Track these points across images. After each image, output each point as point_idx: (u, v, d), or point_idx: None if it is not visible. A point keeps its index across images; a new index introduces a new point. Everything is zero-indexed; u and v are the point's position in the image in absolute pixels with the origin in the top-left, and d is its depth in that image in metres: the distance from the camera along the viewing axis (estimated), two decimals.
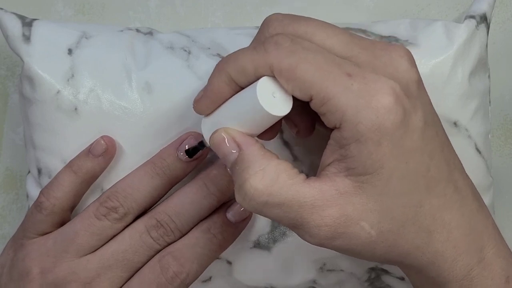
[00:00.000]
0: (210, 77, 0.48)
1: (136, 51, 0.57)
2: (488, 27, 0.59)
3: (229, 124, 0.48)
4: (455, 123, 0.56)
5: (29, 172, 0.60)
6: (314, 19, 0.48)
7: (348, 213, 0.44)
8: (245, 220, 0.57)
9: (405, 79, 0.45)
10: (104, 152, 0.55)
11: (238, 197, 0.46)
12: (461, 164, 0.49)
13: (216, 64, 0.48)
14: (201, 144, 0.53)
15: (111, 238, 0.55)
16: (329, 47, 0.46)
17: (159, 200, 0.56)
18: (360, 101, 0.43)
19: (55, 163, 0.57)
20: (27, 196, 0.61)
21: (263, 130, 0.48)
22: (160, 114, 0.56)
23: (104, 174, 0.56)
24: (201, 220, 0.56)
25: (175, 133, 0.56)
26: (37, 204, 0.56)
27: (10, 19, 0.58)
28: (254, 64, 0.45)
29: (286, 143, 0.56)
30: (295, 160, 0.56)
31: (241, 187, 0.45)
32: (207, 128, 0.49)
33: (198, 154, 0.55)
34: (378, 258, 0.47)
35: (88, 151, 0.55)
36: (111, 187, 0.55)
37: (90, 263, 0.54)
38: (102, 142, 0.55)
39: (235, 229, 0.56)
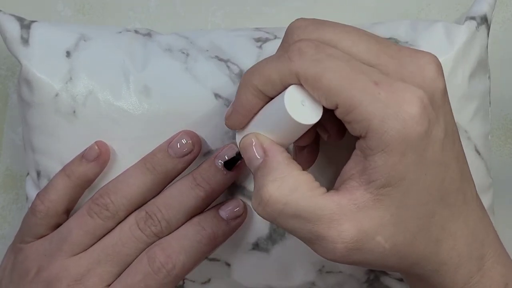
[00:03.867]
0: (238, 91, 0.48)
1: (134, 53, 0.57)
2: (488, 28, 0.59)
3: (261, 133, 0.47)
4: None
5: (28, 174, 0.60)
6: (339, 24, 0.47)
7: (365, 228, 0.44)
8: (238, 218, 0.56)
9: (431, 88, 0.44)
10: (97, 157, 0.55)
11: (254, 202, 0.46)
12: (470, 172, 0.49)
13: (242, 77, 0.47)
14: (239, 155, 0.52)
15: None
16: (355, 54, 0.45)
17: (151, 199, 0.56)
18: (387, 111, 0.42)
19: (53, 166, 0.57)
20: (27, 198, 0.61)
21: (296, 138, 0.47)
22: (158, 117, 0.55)
23: (103, 177, 0.56)
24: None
25: (172, 135, 0.55)
26: (33, 208, 0.56)
27: (8, 21, 0.58)
28: (279, 74, 0.45)
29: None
30: None
31: (258, 192, 0.45)
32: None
33: (189, 151, 0.55)
34: (387, 268, 0.47)
35: (82, 156, 0.56)
36: (104, 185, 0.56)
37: (82, 259, 0.55)
38: (96, 147, 0.55)
39: (227, 226, 0.56)
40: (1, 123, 0.72)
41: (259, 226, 0.57)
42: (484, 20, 0.58)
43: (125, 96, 0.56)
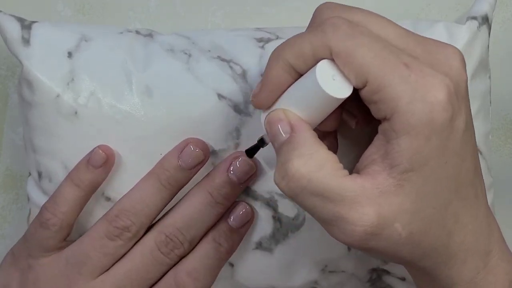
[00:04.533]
0: (267, 66, 0.47)
1: (136, 53, 0.57)
2: (489, 28, 0.59)
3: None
4: None
5: (30, 174, 0.60)
6: (367, 10, 0.46)
7: (386, 214, 0.43)
8: (247, 224, 0.57)
9: (457, 79, 0.44)
10: (104, 163, 0.55)
11: (277, 176, 0.45)
12: (481, 169, 0.49)
13: (272, 52, 0.47)
14: (262, 141, 0.51)
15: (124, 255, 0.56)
16: (384, 37, 0.45)
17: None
18: (416, 93, 0.42)
19: (55, 167, 0.57)
20: (28, 199, 0.60)
21: (325, 116, 0.47)
22: (160, 118, 0.55)
23: (106, 179, 0.56)
24: None
25: (175, 137, 0.55)
26: (43, 221, 0.55)
27: (9, 21, 0.58)
28: (312, 46, 0.44)
29: None
30: None
31: (283, 165, 0.45)
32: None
33: (199, 161, 0.55)
34: (399, 258, 0.46)
35: (87, 162, 0.55)
36: (117, 204, 0.55)
37: (105, 284, 0.55)
38: (101, 152, 0.55)
39: (239, 236, 0.57)
40: (1, 123, 0.72)
41: (262, 225, 0.57)
42: (485, 20, 0.58)
43: (127, 96, 0.55)
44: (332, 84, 0.44)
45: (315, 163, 0.44)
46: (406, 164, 0.43)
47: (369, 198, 0.43)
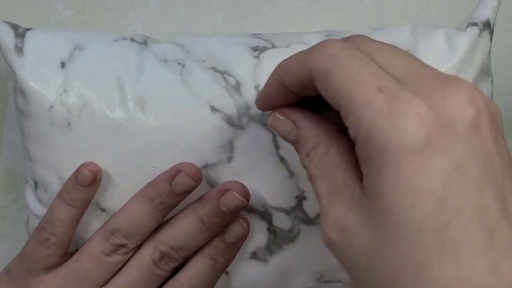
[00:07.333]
0: (269, 76, 0.47)
1: (129, 63, 0.56)
2: (491, 33, 0.58)
3: None
4: None
5: (27, 181, 0.60)
6: (387, 44, 0.43)
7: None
8: (243, 238, 0.57)
9: (449, 115, 0.37)
10: (92, 181, 0.55)
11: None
12: None
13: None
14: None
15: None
16: (390, 71, 0.40)
17: None
18: (376, 119, 0.37)
19: (50, 177, 0.57)
20: (27, 206, 0.60)
21: None
22: (153, 130, 0.55)
23: (100, 191, 0.56)
24: None
25: (167, 148, 0.55)
26: (43, 241, 0.56)
27: (2, 29, 0.58)
28: (297, 64, 0.43)
29: (282, 159, 0.56)
30: (291, 176, 0.56)
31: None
32: None
33: (191, 188, 0.55)
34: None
35: (76, 182, 0.55)
36: (112, 223, 0.56)
37: None
38: (87, 172, 0.55)
39: (234, 249, 0.57)
40: (1, 123, 0.72)
41: (257, 237, 0.57)
42: (487, 26, 0.58)
43: (120, 108, 0.55)
44: None
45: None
46: (367, 190, 0.39)
47: None
